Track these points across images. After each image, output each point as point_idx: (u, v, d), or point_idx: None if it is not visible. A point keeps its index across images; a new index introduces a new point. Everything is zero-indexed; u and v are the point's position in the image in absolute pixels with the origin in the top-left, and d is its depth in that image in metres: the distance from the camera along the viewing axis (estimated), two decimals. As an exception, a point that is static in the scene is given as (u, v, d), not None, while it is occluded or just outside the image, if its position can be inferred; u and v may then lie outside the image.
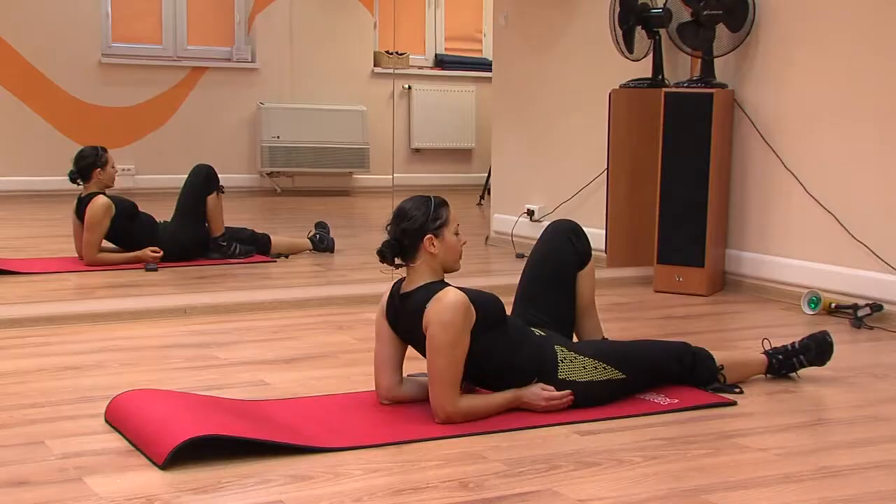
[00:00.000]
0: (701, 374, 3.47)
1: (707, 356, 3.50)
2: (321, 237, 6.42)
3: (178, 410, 2.94)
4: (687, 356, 3.46)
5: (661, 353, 3.45)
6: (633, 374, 3.34)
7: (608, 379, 3.27)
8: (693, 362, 3.46)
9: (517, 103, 6.82)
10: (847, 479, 2.72)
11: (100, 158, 5.78)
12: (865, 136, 4.84)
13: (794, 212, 5.14)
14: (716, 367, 3.48)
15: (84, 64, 9.02)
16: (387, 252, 3.14)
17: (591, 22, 6.15)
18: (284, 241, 6.34)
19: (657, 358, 3.43)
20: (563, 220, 3.64)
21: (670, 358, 3.44)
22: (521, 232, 6.59)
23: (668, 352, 3.46)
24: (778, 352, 3.67)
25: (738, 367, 3.59)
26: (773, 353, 3.67)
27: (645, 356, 3.42)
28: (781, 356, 3.65)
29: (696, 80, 5.37)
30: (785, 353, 3.66)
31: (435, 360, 3.04)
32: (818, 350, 3.66)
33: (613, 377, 3.28)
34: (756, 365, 3.65)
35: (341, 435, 2.96)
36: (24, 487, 2.58)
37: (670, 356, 3.44)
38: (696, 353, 3.48)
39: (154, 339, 4.21)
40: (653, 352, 3.46)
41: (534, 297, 3.48)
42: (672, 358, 3.44)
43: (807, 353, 3.65)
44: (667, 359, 3.43)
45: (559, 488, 2.61)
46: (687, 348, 3.49)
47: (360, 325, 4.40)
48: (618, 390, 3.31)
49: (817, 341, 3.66)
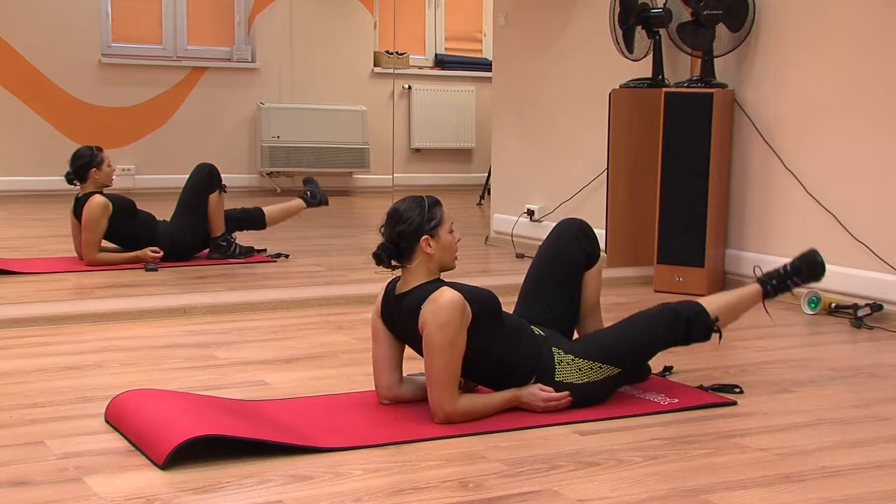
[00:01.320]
0: (697, 334, 3.42)
1: (699, 312, 3.42)
2: (312, 193, 6.39)
3: (178, 410, 2.94)
4: (678, 324, 3.38)
5: (654, 332, 3.37)
6: (630, 365, 3.34)
7: (605, 377, 3.27)
8: (687, 327, 3.39)
9: (517, 103, 6.82)
10: (847, 479, 2.72)
11: (95, 158, 5.78)
12: (865, 136, 4.84)
13: (794, 212, 5.14)
14: (710, 322, 3.42)
15: (84, 64, 9.02)
16: (383, 255, 3.13)
17: (591, 22, 6.15)
18: (277, 208, 6.33)
19: (651, 340, 3.37)
20: (572, 219, 3.62)
21: (663, 333, 3.38)
22: (521, 232, 6.60)
23: (660, 329, 3.38)
24: (771, 277, 3.64)
25: (734, 309, 3.57)
26: (766, 279, 3.63)
27: (639, 343, 3.36)
28: (776, 281, 3.63)
29: (696, 80, 5.38)
30: (778, 277, 3.64)
31: (432, 361, 3.03)
32: (809, 270, 3.65)
33: (610, 374, 3.28)
34: (752, 297, 3.62)
35: (341, 435, 2.96)
36: (24, 487, 2.58)
37: (663, 331, 3.37)
38: (688, 317, 3.39)
39: (154, 339, 4.21)
40: (646, 335, 3.37)
41: (538, 295, 3.47)
42: (665, 332, 3.38)
43: (799, 273, 3.65)
44: (660, 336, 3.38)
45: (559, 488, 2.61)
46: (677, 315, 3.39)
47: (359, 325, 4.40)
48: (616, 383, 3.32)
49: (807, 261, 3.66)
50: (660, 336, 3.38)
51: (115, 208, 5.76)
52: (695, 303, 3.47)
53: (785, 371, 3.85)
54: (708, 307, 3.46)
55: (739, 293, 3.66)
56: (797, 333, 4.60)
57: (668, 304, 3.47)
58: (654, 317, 3.42)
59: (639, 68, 5.80)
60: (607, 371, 3.27)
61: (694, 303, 3.47)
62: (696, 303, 3.47)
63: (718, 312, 3.46)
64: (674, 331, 3.38)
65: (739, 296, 3.64)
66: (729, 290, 3.72)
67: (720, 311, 3.47)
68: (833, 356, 4.17)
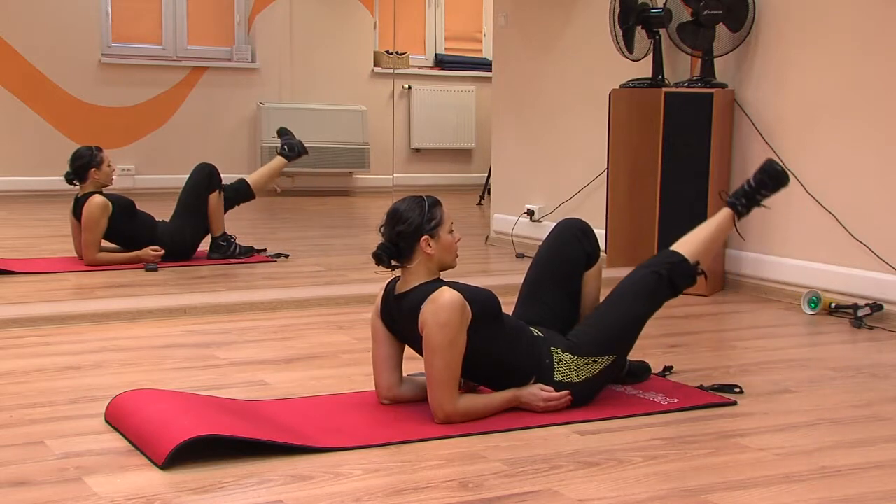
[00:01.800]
0: (683, 285, 3.43)
1: (678, 263, 3.41)
2: (289, 145, 6.37)
3: (178, 410, 2.94)
4: (662, 285, 3.38)
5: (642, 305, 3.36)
6: (624, 348, 3.35)
7: (602, 368, 3.27)
8: (671, 284, 3.39)
9: (517, 103, 6.82)
10: (847, 479, 2.72)
11: (95, 158, 5.77)
12: (865, 136, 4.84)
13: (794, 212, 5.14)
14: (692, 268, 3.43)
15: (84, 64, 9.02)
16: (383, 255, 3.13)
17: (591, 22, 6.15)
18: (260, 174, 6.32)
19: (641, 313, 3.36)
20: (572, 219, 3.61)
21: (651, 301, 3.38)
22: (521, 232, 6.60)
23: (646, 298, 3.37)
24: (738, 197, 3.62)
25: (711, 243, 3.55)
26: (734, 201, 3.62)
27: (630, 322, 3.34)
28: (744, 199, 3.62)
29: (696, 80, 5.38)
30: (745, 195, 3.62)
31: (432, 361, 3.03)
32: (773, 180, 3.64)
33: (607, 363, 3.28)
34: (725, 222, 3.60)
35: (341, 435, 2.96)
36: (24, 487, 2.58)
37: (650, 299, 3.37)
38: (669, 274, 3.38)
39: (154, 339, 4.21)
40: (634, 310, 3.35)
41: (538, 295, 3.47)
42: (652, 299, 3.38)
43: (765, 186, 3.63)
44: (648, 305, 3.38)
45: (559, 488, 2.61)
46: (660, 279, 3.37)
47: (359, 325, 4.40)
48: (613, 370, 3.33)
49: (768, 173, 3.63)
50: (649, 306, 3.38)
51: (114, 208, 5.75)
52: (671, 253, 3.47)
53: (785, 371, 3.85)
54: (686, 253, 3.46)
55: (712, 224, 3.63)
56: (797, 333, 4.59)
57: (646, 266, 3.45)
58: (638, 287, 3.41)
59: (639, 68, 5.80)
60: (604, 362, 3.27)
61: (670, 253, 3.47)
62: (672, 253, 3.47)
63: (697, 255, 3.46)
64: (660, 293, 3.39)
65: (713, 226, 3.61)
66: (701, 225, 3.65)
67: (699, 252, 3.47)
68: (833, 356, 4.17)
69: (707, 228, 3.62)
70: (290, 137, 6.41)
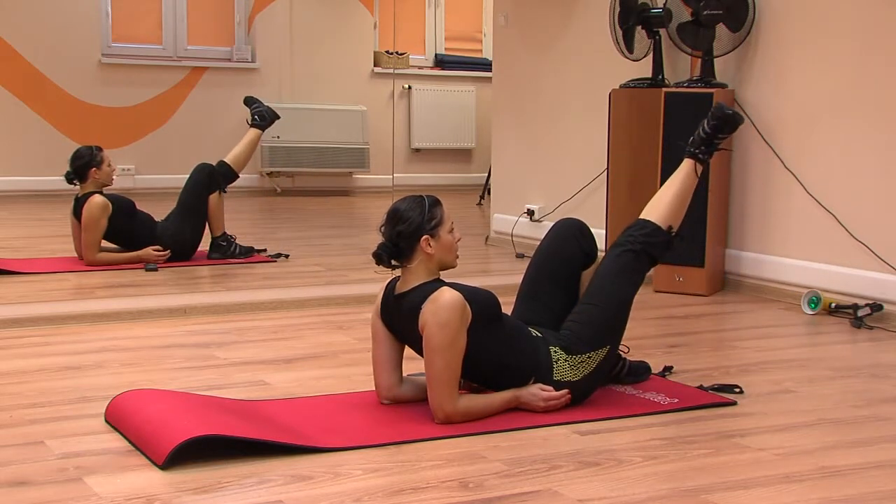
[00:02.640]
0: (661, 254, 3.43)
1: (651, 233, 3.41)
2: (259, 114, 6.30)
3: (178, 410, 2.94)
4: (642, 260, 3.38)
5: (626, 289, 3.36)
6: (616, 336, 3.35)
7: (597, 364, 3.27)
8: (649, 258, 3.40)
9: (517, 103, 6.82)
10: (847, 479, 2.72)
11: (95, 157, 5.77)
12: (866, 136, 4.84)
13: (794, 212, 5.14)
14: (666, 234, 3.43)
15: (84, 64, 9.02)
16: (383, 255, 3.13)
17: (591, 22, 6.15)
18: (238, 150, 6.20)
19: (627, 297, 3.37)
20: (570, 219, 3.61)
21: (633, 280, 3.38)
22: (521, 232, 6.60)
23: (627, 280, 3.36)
24: (696, 145, 3.61)
25: (679, 200, 3.52)
26: (693, 150, 3.61)
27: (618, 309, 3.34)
28: (704, 146, 3.61)
29: (696, 80, 5.37)
30: (703, 142, 3.61)
31: (432, 361, 3.03)
32: (727, 122, 3.61)
33: (601, 357, 3.28)
34: (689, 177, 3.58)
35: (341, 435, 2.96)
36: (24, 487, 2.58)
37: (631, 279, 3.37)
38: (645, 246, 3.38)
39: (154, 339, 4.21)
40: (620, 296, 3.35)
41: (537, 295, 3.47)
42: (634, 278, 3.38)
43: (721, 130, 3.62)
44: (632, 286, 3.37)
45: (559, 488, 2.61)
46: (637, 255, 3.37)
47: (359, 325, 4.40)
48: (608, 361, 3.33)
49: (719, 117, 3.60)
50: (631, 288, 3.38)
51: (114, 208, 5.75)
52: (642, 223, 3.46)
53: (785, 371, 3.85)
54: (656, 219, 3.45)
55: (676, 180, 3.59)
56: (797, 333, 4.59)
57: (620, 245, 3.43)
58: (618, 270, 3.39)
59: (639, 68, 5.80)
60: (598, 356, 3.27)
61: (641, 223, 3.46)
62: (643, 222, 3.46)
63: (668, 218, 3.46)
64: (640, 269, 3.40)
65: (678, 183, 3.58)
66: (664, 185, 3.62)
67: (669, 215, 3.46)
68: (833, 356, 4.17)
69: (672, 187, 3.58)
70: (258, 105, 6.33)
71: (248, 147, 6.26)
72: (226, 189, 6.08)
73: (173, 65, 9.39)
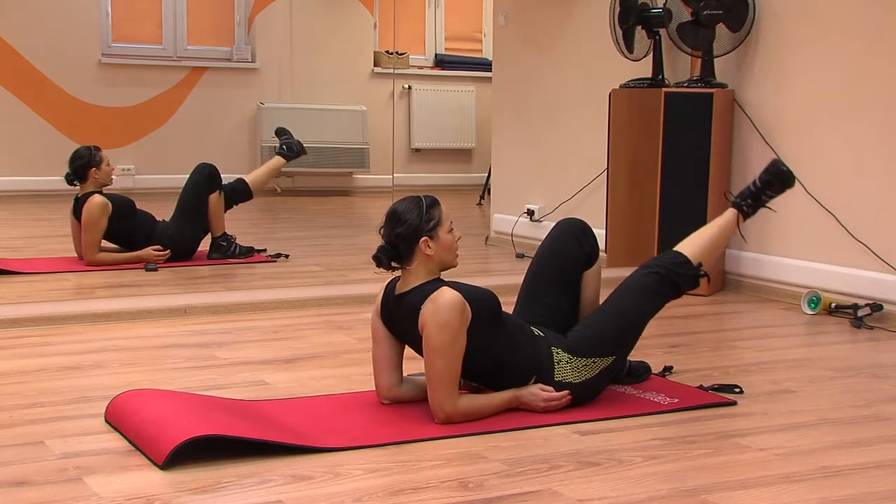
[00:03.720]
0: (686, 286, 3.41)
1: (681, 264, 3.40)
2: (288, 145, 6.35)
3: (178, 410, 2.94)
4: (665, 285, 3.37)
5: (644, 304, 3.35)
6: (625, 349, 3.35)
7: (602, 369, 3.27)
8: (673, 285, 3.38)
9: (517, 103, 6.82)
10: (847, 479, 2.72)
11: (94, 157, 5.77)
12: (865, 136, 4.84)
13: (794, 212, 5.14)
14: (695, 269, 3.42)
15: (84, 64, 9.02)
16: (383, 257, 3.13)
17: (591, 22, 6.15)
18: (259, 173, 6.31)
19: (643, 311, 3.36)
20: (571, 219, 3.61)
21: (653, 300, 3.36)
22: (521, 232, 6.60)
23: (648, 297, 3.35)
24: (744, 198, 3.62)
25: (715, 245, 3.54)
26: (739, 202, 3.61)
27: (632, 321, 3.34)
28: (750, 199, 3.61)
29: (696, 80, 5.38)
30: (751, 195, 3.61)
31: (432, 361, 3.03)
32: (779, 180, 3.62)
33: (606, 364, 3.28)
34: (729, 225, 3.59)
35: (341, 435, 2.96)
36: (24, 487, 2.58)
37: (652, 298, 3.36)
38: (671, 273, 3.37)
39: (154, 339, 4.21)
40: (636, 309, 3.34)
41: (538, 295, 3.47)
42: (654, 298, 3.37)
43: (771, 187, 3.62)
44: (650, 304, 3.36)
45: (559, 488, 2.61)
46: (661, 279, 3.36)
47: (359, 325, 4.40)
48: (613, 370, 3.33)
49: (774, 173, 3.62)
50: (649, 306, 3.37)
51: (114, 208, 5.75)
52: (674, 254, 3.46)
53: (785, 371, 3.85)
54: (689, 254, 3.44)
55: (717, 225, 3.62)
56: (797, 333, 4.59)
57: (648, 266, 3.44)
58: (639, 286, 3.39)
59: (639, 68, 5.80)
60: (603, 363, 3.27)
61: (673, 254, 3.46)
62: (675, 253, 3.46)
63: (700, 256, 3.45)
64: (662, 294, 3.38)
65: (718, 228, 3.60)
66: (705, 226, 3.65)
67: (702, 254, 3.46)
68: (833, 356, 4.17)
69: (711, 229, 3.61)
70: (288, 137, 6.40)
71: (268, 172, 6.32)
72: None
73: (173, 65, 9.39)
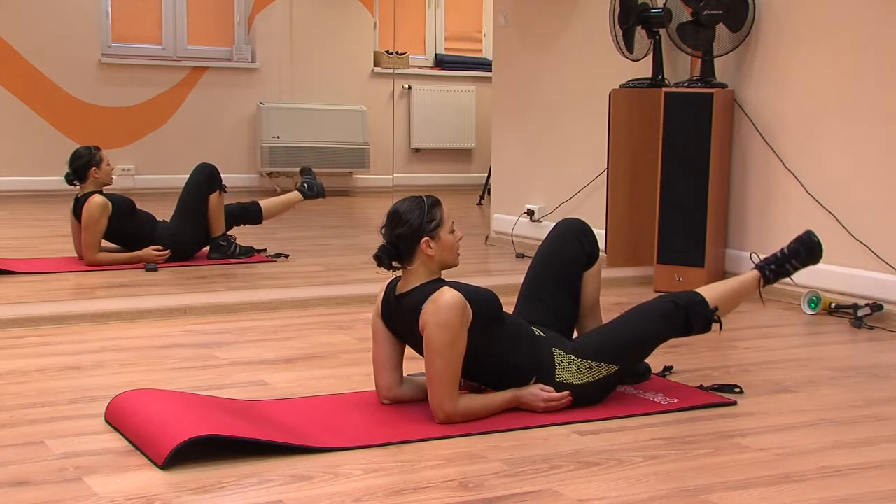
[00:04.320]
0: (697, 325, 3.39)
1: (698, 303, 3.40)
2: (310, 185, 6.38)
3: (178, 410, 2.94)
4: (678, 315, 3.36)
5: (653, 326, 3.35)
6: (630, 361, 3.35)
7: (604, 376, 3.27)
8: (686, 318, 3.37)
9: (517, 103, 6.82)
10: (847, 479, 2.72)
11: (94, 157, 5.77)
12: (866, 136, 4.84)
13: (794, 212, 5.14)
14: (710, 312, 3.40)
15: (84, 64, 9.02)
16: (384, 257, 3.14)
17: (591, 22, 6.15)
18: (274, 201, 6.34)
19: (651, 333, 3.35)
20: (572, 219, 3.62)
21: (663, 326, 3.35)
22: (521, 232, 6.60)
23: (659, 321, 3.35)
24: (769, 262, 3.62)
25: (733, 298, 3.54)
26: (764, 265, 3.62)
27: (639, 338, 3.34)
28: (774, 265, 3.61)
29: (696, 80, 5.38)
30: (776, 261, 3.62)
31: (433, 361, 3.03)
32: (807, 251, 3.63)
33: (609, 372, 3.27)
34: (750, 284, 3.59)
35: (341, 435, 2.96)
36: (24, 487, 2.58)
37: (662, 324, 3.35)
38: (687, 307, 3.37)
39: (154, 339, 4.21)
40: (645, 329, 3.34)
41: (538, 295, 3.47)
42: (664, 325, 3.36)
43: (797, 256, 3.62)
44: (660, 328, 3.36)
45: (559, 488, 2.61)
46: (676, 306, 3.36)
47: (360, 325, 4.40)
48: (615, 381, 3.32)
49: (804, 243, 3.63)
50: (659, 329, 3.36)
51: (114, 208, 5.75)
52: (694, 293, 3.45)
53: (785, 371, 3.85)
54: (707, 297, 3.44)
55: (738, 281, 3.64)
56: (797, 333, 4.59)
57: (666, 295, 3.46)
58: (653, 309, 3.40)
59: (639, 68, 5.80)
60: (606, 370, 3.27)
61: (693, 293, 3.46)
62: (695, 293, 3.46)
63: (718, 302, 3.44)
64: (673, 322, 3.36)
65: (738, 283, 3.62)
66: (727, 279, 3.70)
67: (719, 301, 3.45)
68: (833, 356, 4.17)
69: (732, 283, 3.64)
70: (312, 177, 6.44)
71: (283, 204, 6.34)
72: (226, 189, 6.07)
73: (173, 65, 9.39)
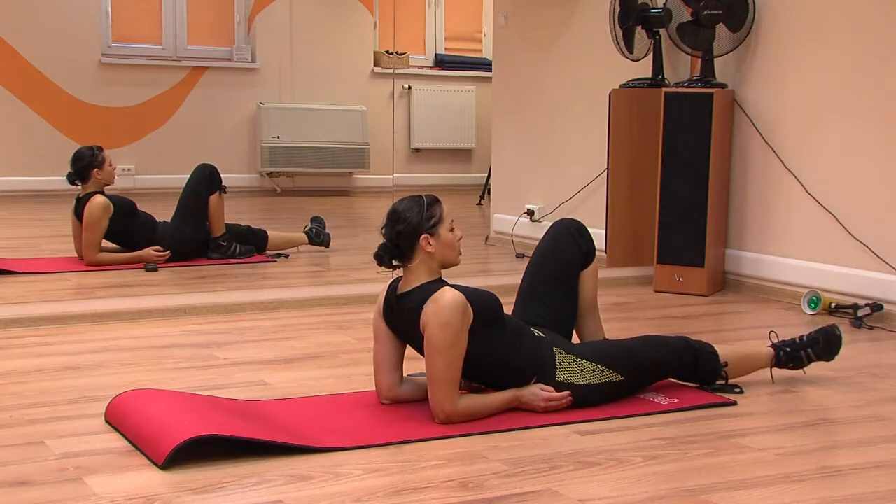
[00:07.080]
0: (704, 371, 3.44)
1: (710, 352, 3.45)
2: (317, 231, 6.42)
3: (178, 410, 2.94)
4: (688, 354, 3.41)
5: (661, 352, 3.40)
6: (632, 376, 3.33)
7: (606, 382, 3.27)
8: (695, 359, 3.41)
9: (517, 103, 6.82)
10: (847, 479, 2.72)
11: (96, 158, 5.78)
12: (865, 136, 4.84)
13: (794, 212, 5.14)
14: (719, 365, 3.45)
15: (84, 64, 9.02)
16: (384, 255, 3.14)
17: (591, 22, 6.15)
18: (281, 236, 6.35)
19: (657, 357, 3.39)
20: (568, 219, 3.63)
21: (670, 356, 3.40)
22: (521, 232, 6.60)
23: (668, 350, 3.41)
24: (785, 344, 3.61)
25: (744, 362, 3.55)
26: (780, 345, 3.62)
27: (644, 356, 3.37)
28: (789, 349, 3.60)
29: (696, 80, 5.38)
30: (793, 345, 3.60)
31: (433, 361, 3.04)
32: (826, 344, 3.60)
33: (612, 380, 3.27)
34: (762, 359, 3.60)
35: (341, 435, 2.96)
36: (24, 487, 2.58)
37: (671, 355, 3.40)
38: (698, 350, 3.43)
39: (154, 339, 4.21)
40: (652, 351, 3.40)
41: (536, 296, 3.48)
42: (672, 356, 3.40)
43: (815, 346, 3.59)
44: (667, 357, 3.40)
45: (559, 488, 2.61)
46: (688, 345, 3.43)
47: (360, 325, 4.40)
48: (616, 392, 3.31)
49: (826, 334, 3.61)
50: (666, 358, 3.40)
51: (116, 209, 5.75)
52: (707, 343, 3.50)
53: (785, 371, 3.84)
54: (720, 351, 3.48)
55: (752, 350, 3.66)
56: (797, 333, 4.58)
57: (681, 336, 3.52)
58: (667, 340, 3.47)
59: (639, 68, 5.80)
60: (609, 376, 3.27)
61: (708, 344, 3.50)
62: (708, 344, 3.50)
63: (728, 359, 3.48)
64: (682, 358, 3.41)
65: (752, 352, 3.63)
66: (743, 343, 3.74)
67: (730, 359, 3.49)
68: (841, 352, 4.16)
69: (746, 350, 3.67)
70: (320, 225, 6.48)
71: (287, 241, 6.35)
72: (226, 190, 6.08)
73: (173, 65, 9.39)
